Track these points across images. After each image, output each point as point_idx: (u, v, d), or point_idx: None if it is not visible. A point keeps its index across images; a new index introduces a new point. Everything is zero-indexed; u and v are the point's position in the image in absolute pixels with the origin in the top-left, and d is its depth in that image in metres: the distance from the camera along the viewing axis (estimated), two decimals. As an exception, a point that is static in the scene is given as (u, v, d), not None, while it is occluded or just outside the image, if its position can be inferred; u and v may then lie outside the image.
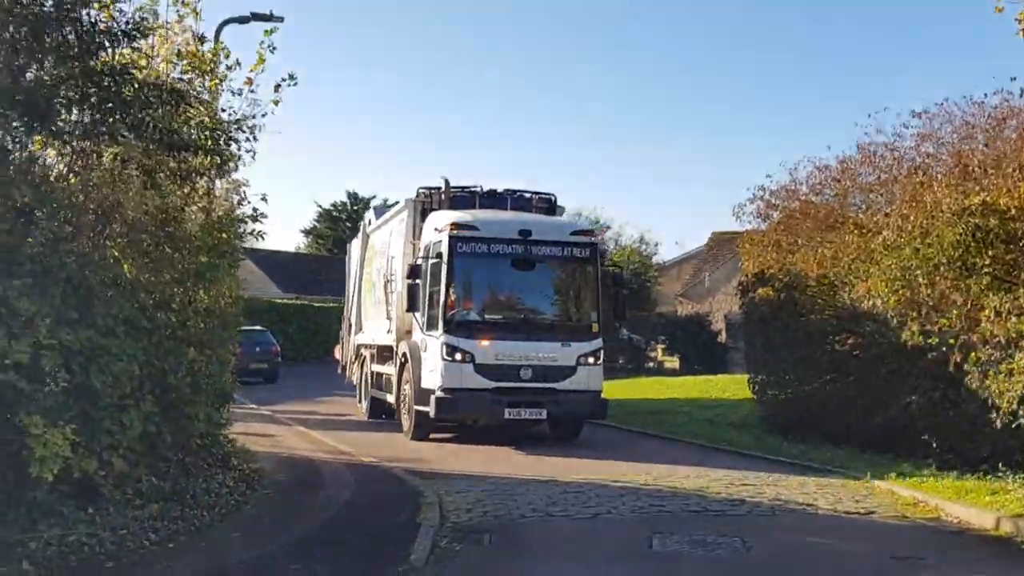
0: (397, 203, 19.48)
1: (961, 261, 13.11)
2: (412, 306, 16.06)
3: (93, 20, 7.81)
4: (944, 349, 13.30)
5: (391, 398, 18.38)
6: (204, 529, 8.72)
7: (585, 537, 9.49)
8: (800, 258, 17.00)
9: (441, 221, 16.25)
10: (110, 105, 7.65)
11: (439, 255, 15.71)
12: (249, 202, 12.19)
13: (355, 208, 65.90)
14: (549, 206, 18.41)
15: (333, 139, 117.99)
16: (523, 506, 10.76)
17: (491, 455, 15.19)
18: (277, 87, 10.43)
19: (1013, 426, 10.81)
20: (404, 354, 17.01)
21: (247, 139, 10.50)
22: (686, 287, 45.64)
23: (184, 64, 9.37)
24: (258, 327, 34.77)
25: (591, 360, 15.99)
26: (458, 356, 15.33)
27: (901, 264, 14.03)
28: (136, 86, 7.87)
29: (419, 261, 16.30)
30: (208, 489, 9.86)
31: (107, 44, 7.74)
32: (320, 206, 76.72)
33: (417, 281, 15.91)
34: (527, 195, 18.39)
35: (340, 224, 67.14)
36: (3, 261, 7.00)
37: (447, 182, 17.67)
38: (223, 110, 10.41)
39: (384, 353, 19.28)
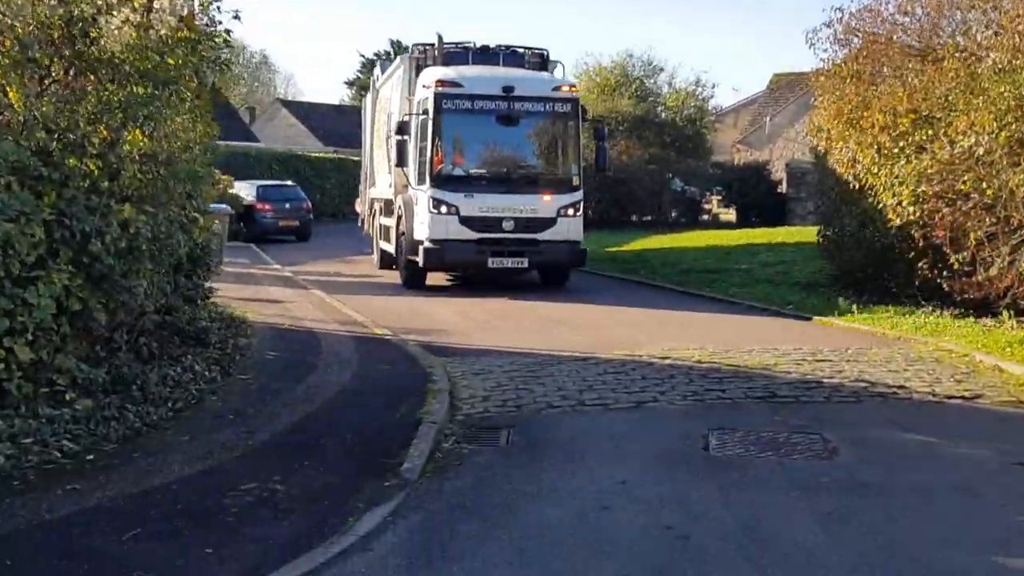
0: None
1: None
2: (400, 161, 16.84)
3: None
4: (1069, 196, 11.03)
5: (393, 249, 18.92)
6: (144, 432, 6.96)
7: (626, 434, 7.61)
8: (885, 90, 14.46)
9: (429, 78, 16.75)
10: None
11: (425, 111, 16.31)
12: (220, 23, 10.20)
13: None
14: (542, 61, 18.74)
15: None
16: (552, 392, 8.90)
17: (520, 323, 13.37)
18: None
19: None
20: (400, 207, 17.71)
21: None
22: (744, 134, 42.72)
23: None
24: (289, 182, 33.07)
25: (571, 212, 16.58)
26: (444, 209, 16.09)
27: (1016, 92, 11.58)
28: None
29: (406, 117, 17.05)
30: (165, 377, 8.08)
31: None
32: (363, 56, 74.00)
33: (405, 137, 16.67)
34: (520, 51, 18.71)
35: (383, 74, 64.29)
36: None
37: (440, 38, 18.07)
38: None
39: (389, 206, 19.54)
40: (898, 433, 7.73)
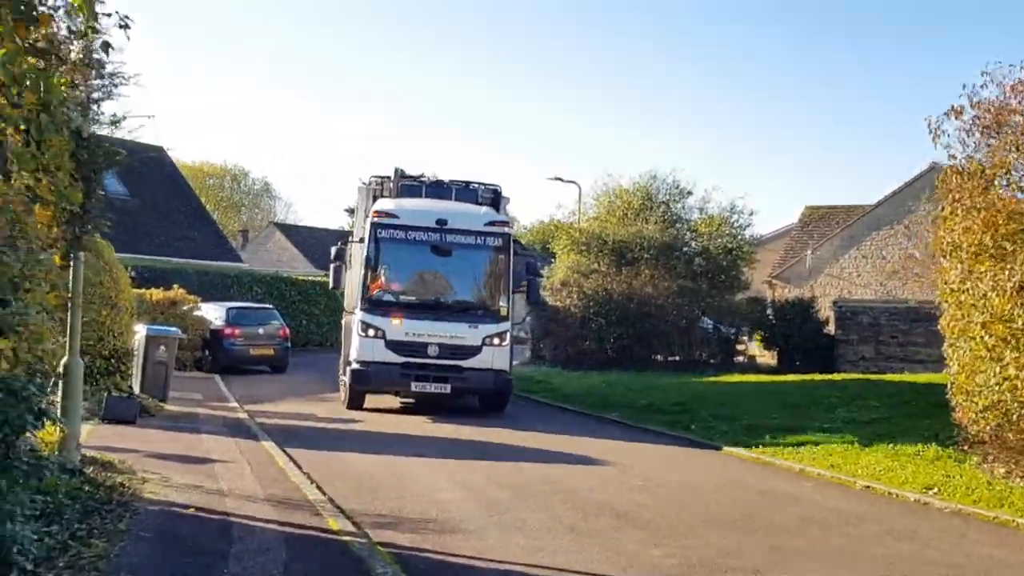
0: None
1: None
2: (335, 285, 18.42)
3: None
4: None
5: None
6: None
7: None
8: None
9: (372, 209, 17.69)
10: None
11: (362, 240, 17.47)
12: (102, 29, 6.71)
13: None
14: (495, 196, 19.31)
15: (384, 115, 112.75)
16: None
17: (552, 511, 8.80)
18: None
19: None
20: (343, 328, 18.97)
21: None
22: (777, 268, 38.83)
23: None
24: (265, 305, 28.90)
25: (496, 341, 16.93)
26: (371, 332, 16.68)
27: None
28: None
29: (342, 245, 18.81)
30: None
31: None
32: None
33: (340, 263, 18.15)
34: (474, 186, 19.40)
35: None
36: None
37: (396, 171, 19.00)
38: None
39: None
40: None
